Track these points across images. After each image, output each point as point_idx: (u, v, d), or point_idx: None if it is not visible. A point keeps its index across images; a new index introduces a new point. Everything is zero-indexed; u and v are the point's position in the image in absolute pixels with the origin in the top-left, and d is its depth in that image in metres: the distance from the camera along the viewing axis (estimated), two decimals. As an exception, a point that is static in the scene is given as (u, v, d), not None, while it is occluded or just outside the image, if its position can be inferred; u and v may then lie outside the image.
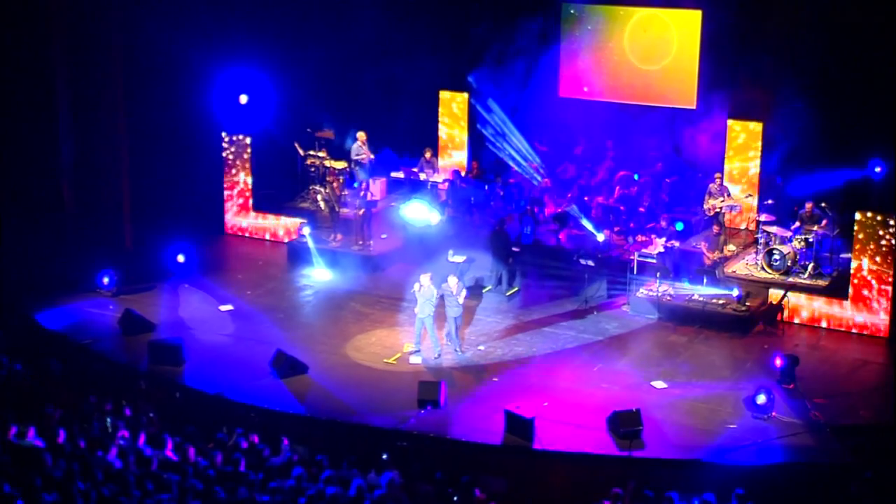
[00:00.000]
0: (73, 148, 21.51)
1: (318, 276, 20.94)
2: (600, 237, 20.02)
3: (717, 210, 20.86)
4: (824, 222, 19.63)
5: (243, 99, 22.90)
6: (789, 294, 18.83)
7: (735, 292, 18.68)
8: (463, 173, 23.26)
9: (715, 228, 19.92)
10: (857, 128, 20.28)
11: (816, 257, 19.58)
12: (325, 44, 24.30)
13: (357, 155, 23.01)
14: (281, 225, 22.88)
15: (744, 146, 21.73)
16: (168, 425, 14.65)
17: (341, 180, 22.52)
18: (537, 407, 15.66)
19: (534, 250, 20.88)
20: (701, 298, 18.80)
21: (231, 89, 22.73)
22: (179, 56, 21.65)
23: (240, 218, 23.05)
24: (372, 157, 23.03)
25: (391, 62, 24.29)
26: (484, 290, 20.22)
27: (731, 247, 20.43)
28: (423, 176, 23.40)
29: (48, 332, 18.35)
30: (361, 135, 23.06)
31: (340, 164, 22.87)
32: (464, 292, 17.67)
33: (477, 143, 23.86)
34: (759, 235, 20.19)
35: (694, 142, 22.32)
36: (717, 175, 21.16)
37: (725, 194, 20.96)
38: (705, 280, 19.02)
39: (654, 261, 19.84)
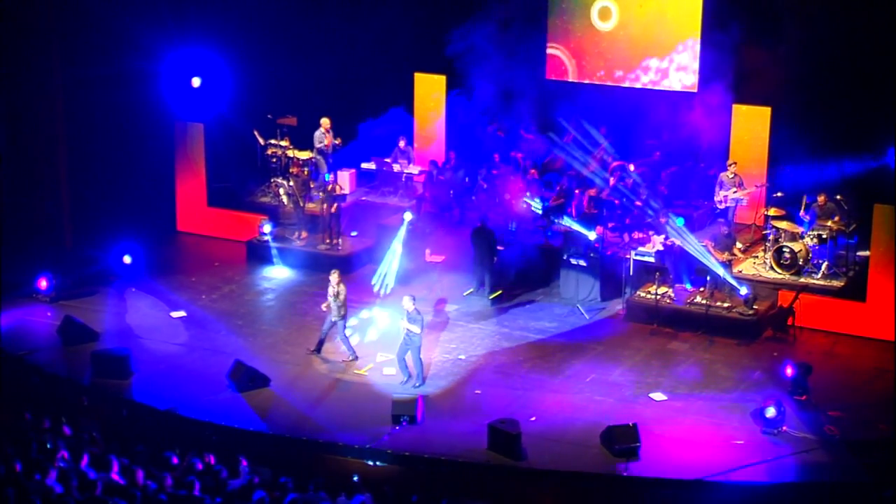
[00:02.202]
0: (4, 137, 21.38)
1: (277, 274, 20.91)
2: (591, 235, 20.08)
3: (728, 204, 20.95)
4: (837, 217, 19.75)
5: (196, 82, 22.83)
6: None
7: (744, 290, 18.77)
8: (441, 164, 23.27)
9: (724, 229, 19.99)
10: (876, 112, 20.39)
11: (831, 255, 19.69)
12: (287, 20, 24.25)
13: (320, 142, 23.01)
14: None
15: (750, 133, 21.85)
16: (114, 445, 14.58)
17: (306, 172, 22.51)
18: (524, 422, 15.68)
19: (520, 249, 20.91)
20: (704, 301, 18.91)
21: (183, 71, 22.65)
22: (124, 34, 21.55)
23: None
24: (337, 141, 23.00)
25: (361, 41, 24.29)
26: (465, 294, 20.25)
27: (739, 244, 20.53)
28: (396, 167, 23.41)
29: (-23, 341, 18.27)
30: (325, 121, 23.07)
31: (305, 155, 22.86)
32: (415, 325, 16.86)
33: (456, 131, 23.86)
34: (768, 231, 20.30)
35: (695, 128, 22.41)
36: (731, 163, 21.25)
37: (738, 185, 21.04)
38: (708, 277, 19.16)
39: (651, 260, 19.92)
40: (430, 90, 24.02)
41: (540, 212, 21.12)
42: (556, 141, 23.50)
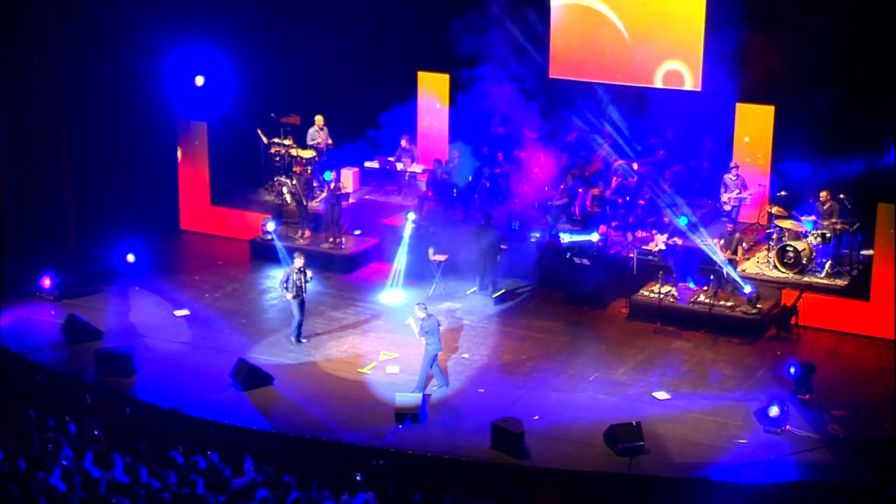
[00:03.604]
0: (8, 135, 21.40)
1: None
2: (593, 237, 20.06)
3: (733, 204, 20.96)
4: (840, 216, 19.71)
5: (200, 81, 22.84)
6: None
7: (747, 289, 18.77)
8: (444, 163, 23.27)
9: (729, 226, 19.99)
10: (879, 110, 20.37)
11: (835, 254, 19.69)
12: (290, 18, 24.25)
13: (313, 140, 23.04)
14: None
15: (754, 132, 21.84)
16: (117, 443, 14.61)
17: (309, 171, 22.53)
18: (527, 420, 15.69)
19: (523, 248, 20.90)
20: (707, 301, 18.91)
21: (186, 70, 22.65)
22: (128, 32, 21.55)
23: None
24: (330, 142, 23.04)
25: (365, 40, 24.29)
26: (468, 293, 20.25)
27: (744, 244, 20.50)
28: (399, 166, 23.43)
29: (-18, 340, 18.29)
30: (319, 118, 23.11)
31: (308, 153, 22.88)
32: (418, 329, 16.76)
33: (459, 130, 23.85)
34: (772, 230, 20.29)
35: (699, 127, 22.40)
36: (734, 165, 21.24)
37: (741, 187, 21.02)
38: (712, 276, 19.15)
39: (655, 259, 19.90)
40: (433, 88, 24.02)
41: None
42: (560, 140, 23.49)
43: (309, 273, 18.27)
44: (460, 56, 22.71)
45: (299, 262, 18.18)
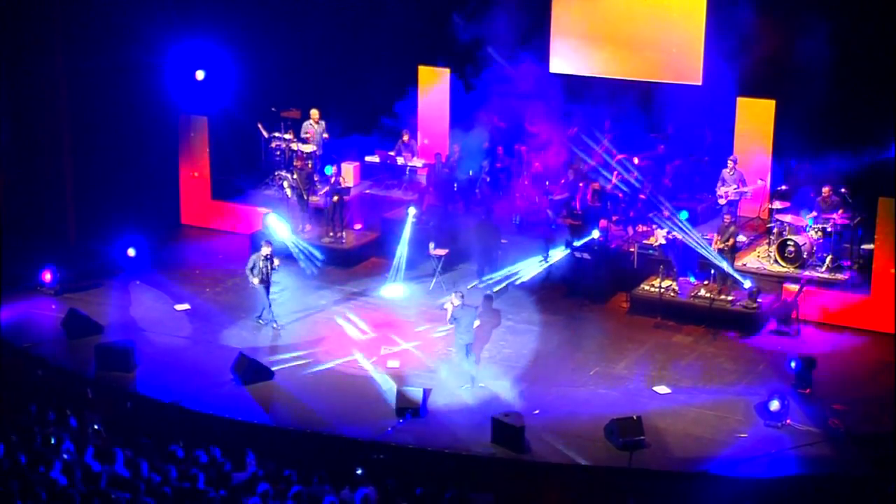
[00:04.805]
0: (8, 129, 21.39)
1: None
2: (594, 234, 20.05)
3: (731, 198, 20.95)
4: (841, 210, 19.72)
5: (200, 75, 22.84)
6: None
7: (748, 284, 18.77)
8: (445, 157, 23.26)
9: (726, 218, 19.99)
10: (881, 104, 20.35)
11: (835, 248, 19.68)
12: (292, 13, 24.24)
13: (304, 133, 23.04)
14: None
15: (754, 126, 21.83)
16: (118, 438, 14.61)
17: (310, 165, 22.53)
18: (528, 415, 15.69)
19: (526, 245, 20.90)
20: (708, 295, 18.90)
21: (187, 64, 22.64)
22: (128, 26, 21.54)
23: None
24: (326, 136, 23.03)
25: (365, 34, 24.28)
26: (468, 288, 20.23)
27: (742, 238, 20.51)
28: (400, 160, 23.43)
29: (-17, 334, 18.28)
30: (314, 112, 23.10)
31: (309, 148, 22.88)
32: (450, 307, 16.80)
33: (460, 124, 23.85)
34: (773, 224, 20.28)
35: (699, 121, 22.39)
36: (732, 159, 21.24)
37: (739, 181, 21.02)
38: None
39: (655, 253, 19.90)
40: (434, 83, 24.00)
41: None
42: (561, 134, 23.48)
43: (276, 261, 18.57)
44: (461, 50, 22.68)
45: (266, 250, 18.43)
